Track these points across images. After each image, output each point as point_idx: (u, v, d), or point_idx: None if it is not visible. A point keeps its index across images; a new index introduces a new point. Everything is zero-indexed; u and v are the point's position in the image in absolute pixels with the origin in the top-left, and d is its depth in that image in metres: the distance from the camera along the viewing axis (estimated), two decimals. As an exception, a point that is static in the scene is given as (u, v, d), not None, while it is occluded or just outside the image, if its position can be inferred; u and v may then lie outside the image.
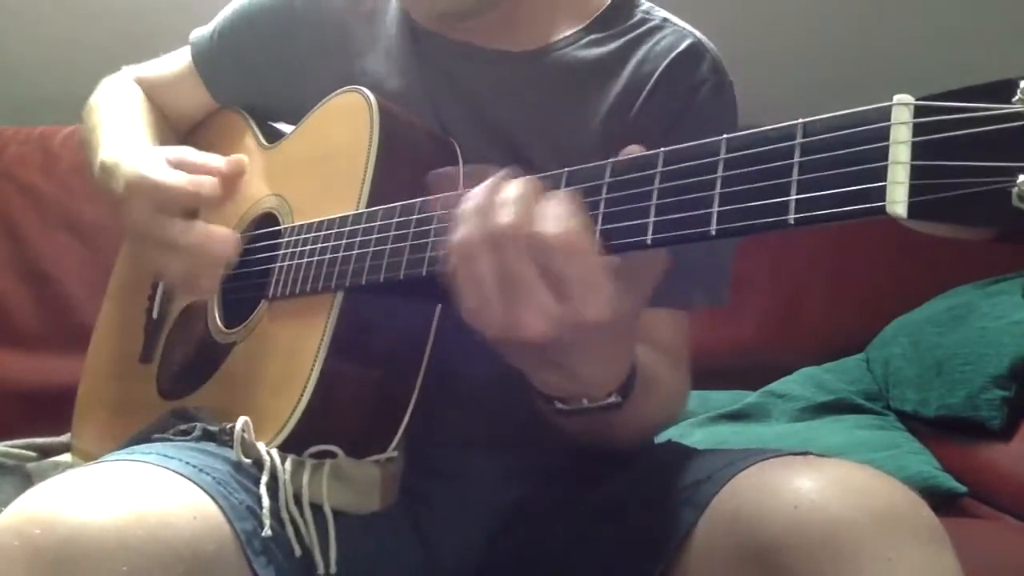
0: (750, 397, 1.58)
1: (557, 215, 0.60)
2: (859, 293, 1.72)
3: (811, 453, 0.72)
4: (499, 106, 0.94)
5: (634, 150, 0.62)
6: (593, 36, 0.96)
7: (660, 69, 0.93)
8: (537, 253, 0.60)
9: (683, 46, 0.94)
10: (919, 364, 1.49)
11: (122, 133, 1.05)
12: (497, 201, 0.62)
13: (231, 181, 0.93)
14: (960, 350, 1.42)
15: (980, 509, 1.36)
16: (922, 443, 1.45)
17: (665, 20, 0.98)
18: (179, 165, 0.92)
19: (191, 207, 0.91)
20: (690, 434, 1.47)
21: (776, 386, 1.59)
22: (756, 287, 1.67)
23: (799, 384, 1.59)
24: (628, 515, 0.79)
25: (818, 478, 0.66)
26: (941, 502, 1.31)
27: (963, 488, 1.34)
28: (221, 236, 0.89)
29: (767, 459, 0.71)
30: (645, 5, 1.00)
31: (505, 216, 0.61)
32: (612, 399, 0.71)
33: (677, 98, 0.92)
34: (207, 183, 0.90)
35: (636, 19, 0.97)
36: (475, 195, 0.63)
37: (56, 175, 1.68)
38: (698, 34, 0.96)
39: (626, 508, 0.79)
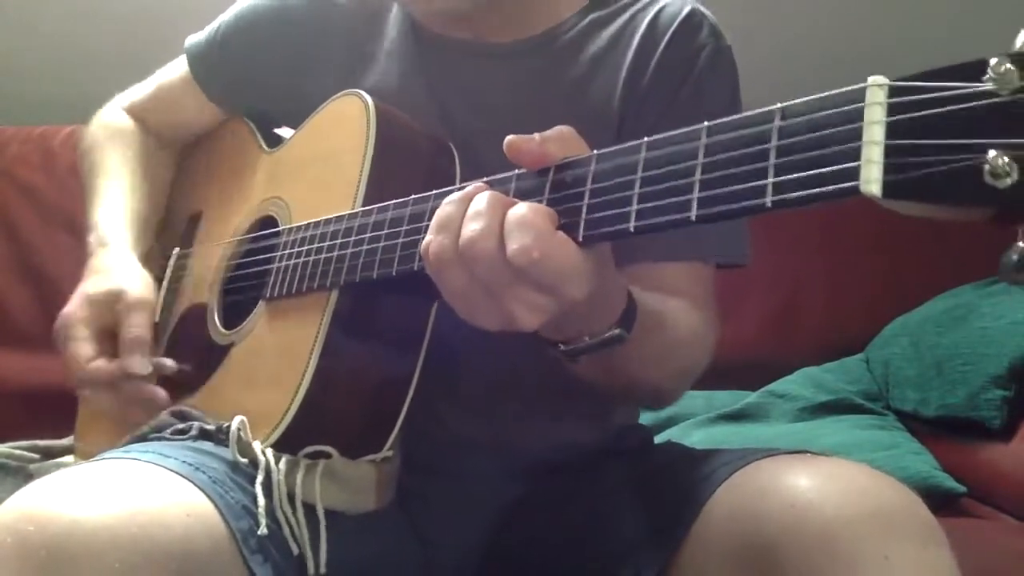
0: (750, 397, 1.57)
1: (521, 227, 0.60)
2: (859, 293, 1.71)
3: (808, 452, 0.72)
4: (510, 100, 0.94)
5: (564, 131, 0.65)
6: (595, 16, 0.97)
7: (665, 38, 0.93)
8: (508, 264, 0.61)
9: (684, 14, 0.95)
10: (919, 364, 1.49)
11: (106, 208, 1.07)
12: (467, 215, 0.63)
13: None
14: (960, 350, 1.42)
15: (980, 509, 1.36)
16: (922, 443, 1.44)
17: None
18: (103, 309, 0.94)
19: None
20: (690, 434, 1.47)
21: (776, 386, 1.59)
22: (756, 287, 1.67)
23: (799, 384, 1.58)
24: (626, 515, 0.79)
25: (815, 477, 0.66)
26: (941, 502, 1.30)
27: (963, 488, 1.34)
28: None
29: (764, 458, 0.71)
30: None
31: (469, 231, 0.62)
32: (614, 331, 0.70)
33: (680, 65, 0.93)
34: (97, 373, 0.91)
35: None
36: (444, 207, 0.65)
37: (56, 175, 1.68)
38: (694, 2, 0.97)
39: (624, 507, 0.79)
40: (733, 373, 1.62)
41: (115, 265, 0.99)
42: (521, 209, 0.61)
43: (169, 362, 0.94)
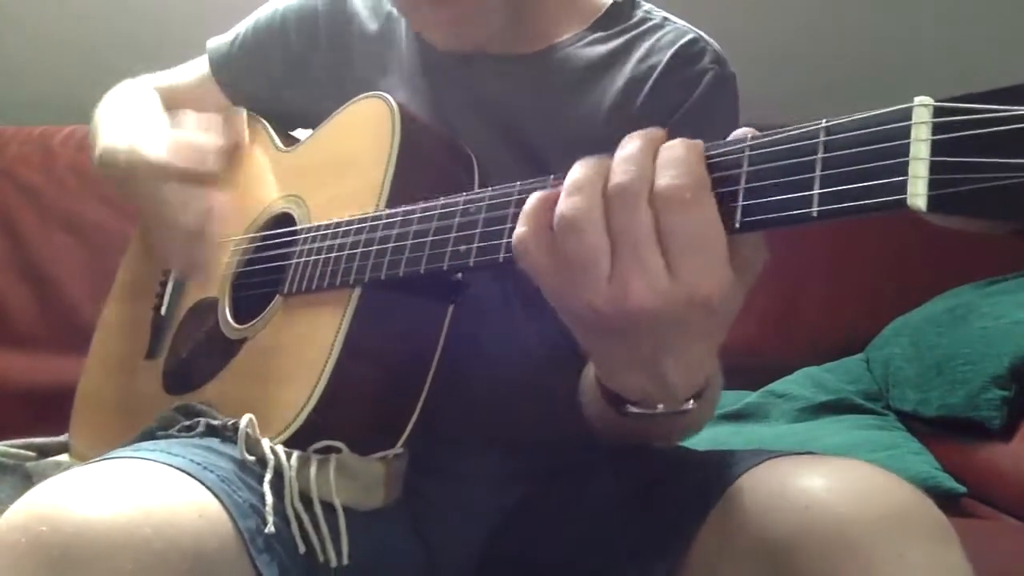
0: (750, 397, 1.58)
1: (676, 165, 0.56)
2: (859, 293, 1.72)
3: (815, 453, 0.72)
4: (507, 107, 0.95)
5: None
6: (595, 35, 0.98)
7: (663, 62, 0.94)
8: (652, 207, 0.55)
9: (684, 40, 0.96)
10: (919, 364, 1.49)
11: (134, 120, 1.05)
12: (618, 158, 0.58)
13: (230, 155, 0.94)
14: (960, 350, 1.42)
15: (980, 509, 1.36)
16: (922, 443, 1.45)
17: (665, 19, 1.00)
18: (178, 142, 0.94)
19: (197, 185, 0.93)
20: (690, 434, 1.47)
21: (776, 386, 1.60)
22: (756, 287, 1.67)
23: (799, 384, 1.59)
24: (632, 516, 0.79)
25: (828, 477, 0.66)
26: (941, 502, 1.29)
27: (963, 488, 1.35)
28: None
29: (774, 458, 0.71)
30: (646, 6, 1.02)
31: (621, 174, 0.57)
32: (687, 405, 0.67)
33: (679, 89, 0.93)
34: (208, 155, 0.92)
35: (637, 19, 0.99)
36: (576, 170, 0.59)
37: (56, 175, 1.68)
38: (698, 31, 0.98)
39: (629, 509, 0.80)
40: (733, 373, 1.61)
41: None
42: (676, 146, 0.57)
43: None
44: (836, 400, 1.54)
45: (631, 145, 0.58)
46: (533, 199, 0.61)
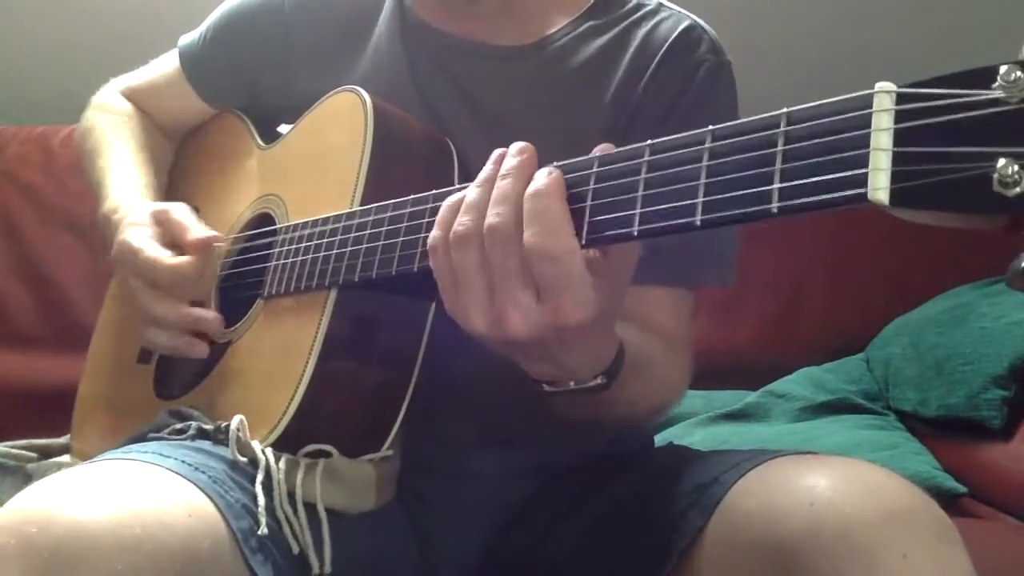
0: (750, 397, 1.58)
1: (543, 220, 0.61)
2: (859, 293, 1.72)
3: (817, 453, 0.72)
4: (499, 101, 0.94)
5: (608, 148, 0.63)
6: (590, 24, 0.96)
7: (660, 53, 0.93)
8: (521, 254, 0.61)
9: (681, 28, 0.94)
10: (919, 364, 1.49)
11: (119, 178, 1.05)
12: (493, 197, 0.63)
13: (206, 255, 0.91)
14: (960, 350, 1.41)
15: (980, 509, 1.35)
16: (922, 443, 1.45)
17: (660, 5, 0.98)
18: (163, 225, 0.92)
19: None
20: (690, 434, 1.47)
21: (776, 386, 1.59)
22: (756, 287, 1.67)
23: (799, 384, 1.59)
24: (633, 518, 0.79)
25: (832, 476, 0.66)
26: (941, 502, 1.29)
27: (963, 488, 1.34)
28: (205, 319, 0.89)
29: (777, 458, 0.71)
30: None
31: (496, 214, 0.62)
32: (598, 381, 0.71)
33: (677, 80, 0.92)
34: (187, 266, 0.88)
35: (631, 5, 0.98)
36: (472, 190, 0.65)
37: (56, 175, 1.69)
38: (694, 17, 0.97)
39: (630, 511, 0.79)
40: (733, 373, 1.62)
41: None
42: (543, 195, 0.61)
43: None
44: (836, 400, 1.54)
45: (503, 184, 0.63)
46: (447, 204, 0.66)
